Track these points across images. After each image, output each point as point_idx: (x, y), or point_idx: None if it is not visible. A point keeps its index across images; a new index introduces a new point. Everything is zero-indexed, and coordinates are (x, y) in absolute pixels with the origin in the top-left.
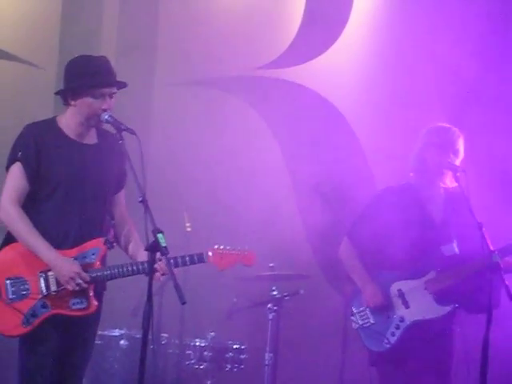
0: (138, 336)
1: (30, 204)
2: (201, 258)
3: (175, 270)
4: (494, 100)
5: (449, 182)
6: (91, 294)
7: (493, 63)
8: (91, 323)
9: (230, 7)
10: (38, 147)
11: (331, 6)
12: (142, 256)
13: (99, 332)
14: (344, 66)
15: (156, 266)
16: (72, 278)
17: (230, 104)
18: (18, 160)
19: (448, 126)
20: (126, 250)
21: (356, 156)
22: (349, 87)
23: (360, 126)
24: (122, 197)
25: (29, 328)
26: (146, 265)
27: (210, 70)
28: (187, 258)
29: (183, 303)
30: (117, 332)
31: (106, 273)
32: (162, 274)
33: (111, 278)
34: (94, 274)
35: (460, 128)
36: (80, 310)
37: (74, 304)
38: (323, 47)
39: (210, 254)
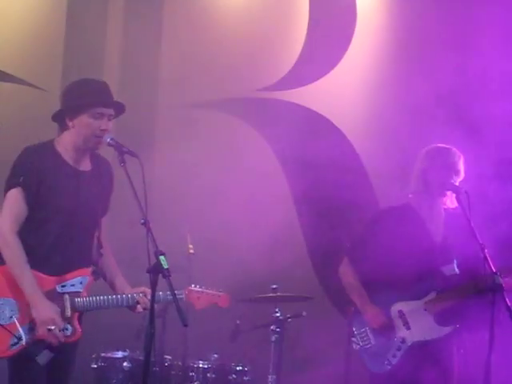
0: (141, 358)
1: (23, 228)
2: (179, 296)
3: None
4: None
5: (449, 202)
6: (76, 322)
7: (496, 76)
8: (71, 348)
9: (233, 30)
10: (39, 174)
11: (334, 29)
12: (120, 283)
13: (102, 354)
14: (347, 88)
15: (138, 298)
16: (44, 322)
17: (233, 126)
18: (18, 185)
19: (448, 146)
20: (104, 276)
21: (358, 176)
22: (351, 108)
23: (362, 147)
24: (103, 222)
25: (15, 351)
26: (130, 297)
27: (213, 92)
28: (168, 294)
29: (185, 325)
30: (120, 354)
31: (92, 303)
32: (144, 309)
33: (97, 309)
34: (81, 304)
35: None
36: (65, 336)
37: (60, 331)
38: (326, 69)
39: (187, 293)
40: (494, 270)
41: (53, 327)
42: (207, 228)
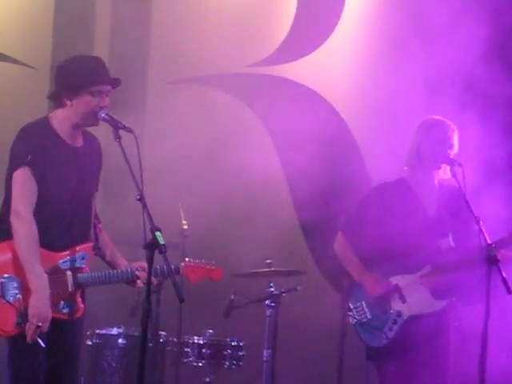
0: (136, 334)
1: None
2: (177, 270)
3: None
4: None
5: (442, 174)
6: (78, 298)
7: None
8: (78, 320)
9: (222, 5)
10: (44, 151)
11: (323, 3)
12: (119, 259)
13: (97, 331)
14: (337, 62)
15: (138, 273)
16: (37, 316)
17: (224, 101)
18: (26, 164)
19: (442, 119)
20: (103, 252)
21: (350, 151)
22: (342, 83)
23: (354, 122)
24: (95, 198)
25: (21, 329)
26: (130, 272)
27: (203, 68)
28: (165, 269)
29: (182, 301)
30: (115, 331)
31: (94, 279)
32: (144, 283)
33: (98, 284)
34: (83, 279)
35: (452, 121)
36: (67, 314)
37: (63, 308)
38: (316, 44)
39: (183, 265)
40: (489, 243)
41: (41, 325)
42: (200, 203)
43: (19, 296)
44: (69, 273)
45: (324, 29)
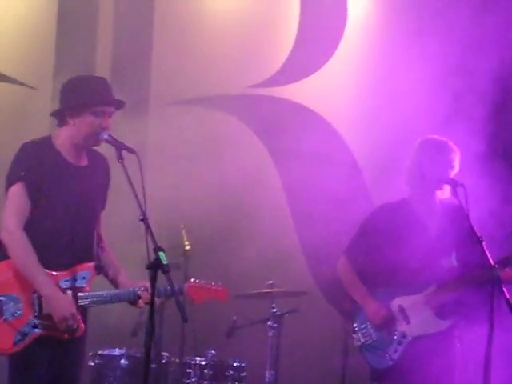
0: (138, 355)
1: (26, 224)
2: (181, 291)
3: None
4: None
5: (441, 193)
6: (79, 317)
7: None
8: (79, 340)
9: (224, 26)
10: (41, 168)
11: (325, 25)
12: (123, 279)
13: (99, 352)
14: (338, 84)
15: (140, 293)
16: (65, 318)
17: (225, 122)
18: (21, 180)
19: (444, 139)
20: (105, 272)
21: (351, 171)
22: (343, 104)
23: (354, 142)
24: (101, 217)
25: (20, 346)
26: (132, 292)
27: (205, 89)
28: (168, 289)
29: (185, 321)
30: (117, 351)
31: (95, 299)
32: (146, 303)
33: (100, 304)
34: (84, 299)
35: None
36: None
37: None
38: (317, 65)
39: (187, 286)
40: (492, 263)
41: (72, 323)
42: (202, 224)
43: (19, 313)
44: (69, 292)
45: (325, 50)
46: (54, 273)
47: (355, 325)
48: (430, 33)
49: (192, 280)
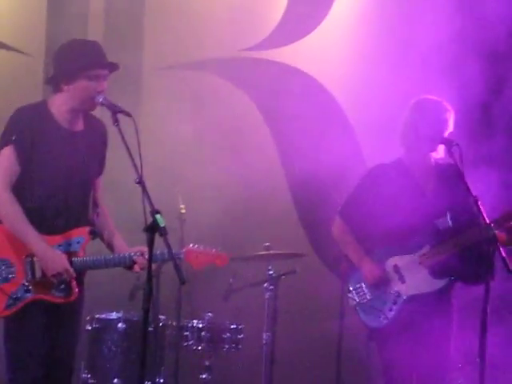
0: (135, 319)
1: (17, 188)
2: (179, 256)
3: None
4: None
5: (435, 153)
6: (73, 282)
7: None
8: (74, 305)
9: None
10: (32, 132)
11: None
12: (119, 243)
13: (96, 315)
14: (331, 45)
15: (135, 258)
16: (59, 273)
17: (219, 86)
18: (11, 143)
19: (438, 99)
20: (100, 236)
21: (345, 133)
22: (336, 66)
23: (349, 104)
24: (99, 182)
25: (12, 311)
26: (127, 257)
27: (197, 54)
28: (166, 253)
29: (183, 283)
30: (114, 315)
31: (88, 263)
32: (141, 269)
33: (94, 268)
34: (79, 264)
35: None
36: (62, 297)
37: (56, 291)
38: (309, 28)
39: (185, 251)
40: (488, 222)
41: (66, 277)
42: (197, 188)
43: (11, 276)
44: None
45: (318, 12)
46: (47, 237)
47: (350, 284)
48: None
49: (190, 245)
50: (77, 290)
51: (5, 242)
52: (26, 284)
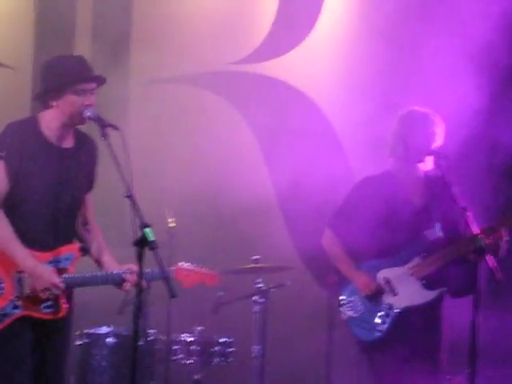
0: (125, 333)
1: (6, 204)
2: (168, 275)
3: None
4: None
5: (423, 165)
6: (62, 299)
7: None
8: (63, 320)
9: (203, 3)
10: (21, 148)
11: (304, 1)
12: (108, 260)
13: (86, 330)
14: (318, 58)
15: (125, 276)
16: (48, 288)
17: (206, 100)
18: (1, 159)
19: (427, 111)
20: (90, 253)
21: (332, 146)
22: (323, 79)
23: (336, 117)
24: (89, 198)
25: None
26: (117, 275)
27: (185, 67)
28: (156, 273)
29: (173, 297)
30: (104, 330)
31: (78, 280)
32: (132, 286)
33: (83, 285)
34: (68, 281)
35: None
36: (50, 313)
37: (44, 307)
38: (297, 41)
39: (174, 269)
40: (476, 233)
41: (56, 292)
42: (185, 201)
43: (0, 292)
44: (53, 268)
45: (304, 25)
46: (37, 253)
47: (343, 298)
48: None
49: (181, 264)
50: (65, 306)
51: None
52: (15, 300)
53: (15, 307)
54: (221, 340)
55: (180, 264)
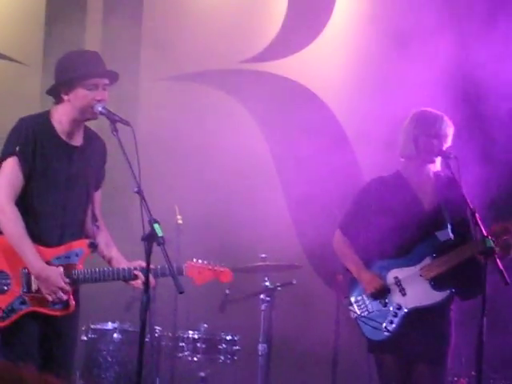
0: (131, 329)
1: (18, 199)
2: (179, 271)
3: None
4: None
5: (438, 166)
6: (70, 295)
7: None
8: (70, 316)
9: (214, 2)
10: (34, 144)
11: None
12: (116, 256)
13: (92, 326)
14: (328, 58)
15: (136, 272)
16: (54, 291)
17: (216, 98)
18: (15, 154)
19: (438, 112)
20: (99, 250)
21: (341, 145)
22: (333, 78)
23: (345, 116)
24: (98, 196)
25: (6, 323)
26: (127, 271)
27: (195, 65)
28: (167, 269)
29: (181, 292)
30: (110, 325)
31: (87, 276)
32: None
33: (93, 282)
34: (76, 276)
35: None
36: (58, 309)
37: (52, 304)
38: (308, 40)
39: (186, 266)
40: (486, 234)
41: (61, 295)
42: (194, 199)
43: (7, 288)
44: (61, 269)
45: (315, 25)
46: (46, 249)
47: (352, 297)
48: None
49: (194, 260)
50: (74, 302)
51: (1, 253)
52: (23, 295)
53: (22, 303)
54: (227, 338)
55: (192, 260)
